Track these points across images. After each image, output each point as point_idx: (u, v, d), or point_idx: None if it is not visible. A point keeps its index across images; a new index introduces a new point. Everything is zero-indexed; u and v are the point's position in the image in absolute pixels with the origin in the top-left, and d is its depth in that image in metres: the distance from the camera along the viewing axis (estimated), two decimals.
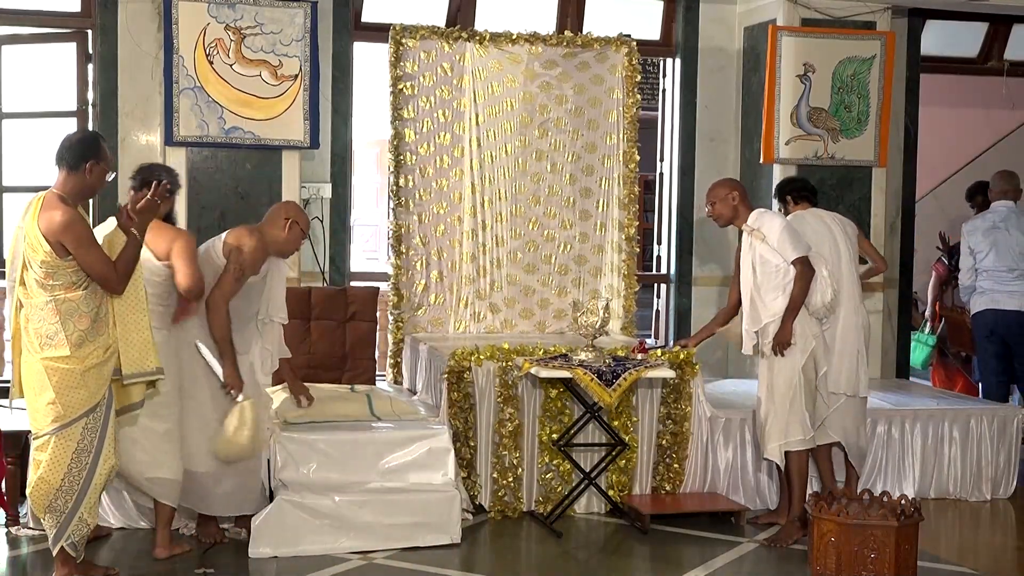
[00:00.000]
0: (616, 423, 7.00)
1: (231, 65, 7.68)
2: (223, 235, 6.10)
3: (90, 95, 8.15)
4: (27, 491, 5.46)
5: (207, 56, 7.64)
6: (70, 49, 8.18)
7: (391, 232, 8.18)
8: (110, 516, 6.36)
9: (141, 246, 5.39)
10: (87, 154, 5.31)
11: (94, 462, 5.34)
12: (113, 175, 5.60)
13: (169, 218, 6.05)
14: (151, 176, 5.84)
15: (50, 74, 8.37)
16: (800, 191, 7.22)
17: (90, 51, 8.13)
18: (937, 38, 9.67)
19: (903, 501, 6.01)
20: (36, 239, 5.20)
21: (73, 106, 8.20)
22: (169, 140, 7.65)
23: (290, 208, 6.30)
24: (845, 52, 8.65)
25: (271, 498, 6.30)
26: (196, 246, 5.92)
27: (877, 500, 6.07)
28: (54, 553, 5.35)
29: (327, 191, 8.38)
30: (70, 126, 8.13)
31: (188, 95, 7.63)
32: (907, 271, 9.63)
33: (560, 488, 6.98)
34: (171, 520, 6.07)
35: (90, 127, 8.04)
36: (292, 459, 6.38)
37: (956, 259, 9.23)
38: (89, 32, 8.11)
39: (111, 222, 5.63)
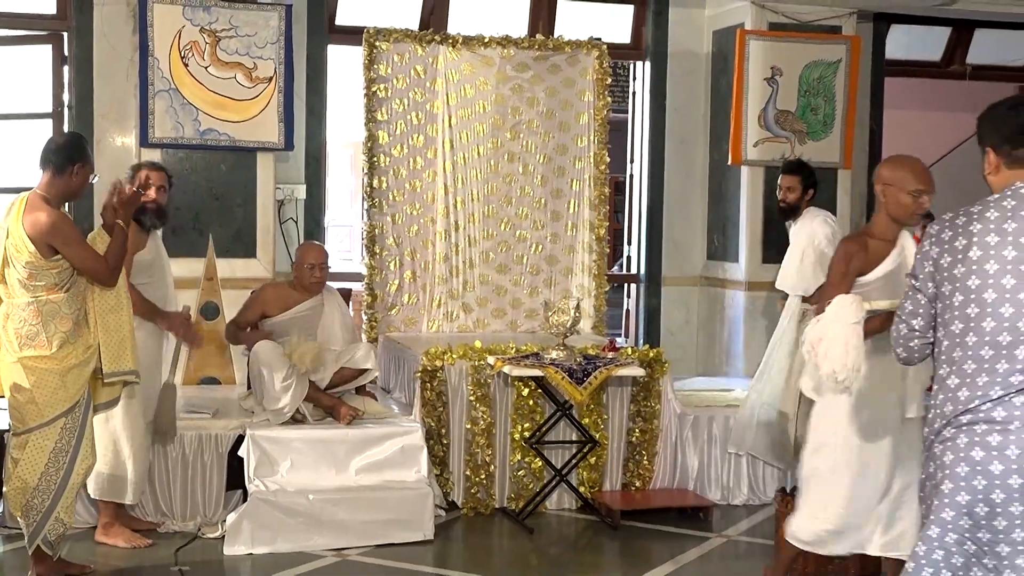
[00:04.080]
0: (587, 421, 7.02)
1: (206, 67, 7.65)
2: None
3: (66, 97, 8.10)
4: (3, 490, 5.43)
5: (182, 58, 7.60)
6: (46, 51, 8.12)
7: (365, 233, 8.17)
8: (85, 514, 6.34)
9: (127, 239, 5.39)
10: (74, 157, 5.32)
11: (71, 462, 5.31)
12: (96, 177, 5.59)
13: (163, 213, 6.10)
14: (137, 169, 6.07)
15: (26, 76, 8.31)
16: None
17: (66, 53, 8.07)
18: (901, 42, 9.73)
19: None
20: (21, 240, 5.17)
21: (49, 108, 8.14)
22: (144, 142, 7.61)
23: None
24: (811, 56, 8.69)
25: (245, 497, 6.29)
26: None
27: None
28: (30, 552, 5.31)
29: (301, 192, 8.36)
30: (46, 128, 8.07)
31: (163, 97, 7.59)
32: None
33: (532, 485, 6.99)
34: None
35: (66, 129, 7.99)
36: (266, 458, 6.36)
37: None
38: (65, 35, 8.06)
39: None
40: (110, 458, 5.98)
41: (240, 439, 6.46)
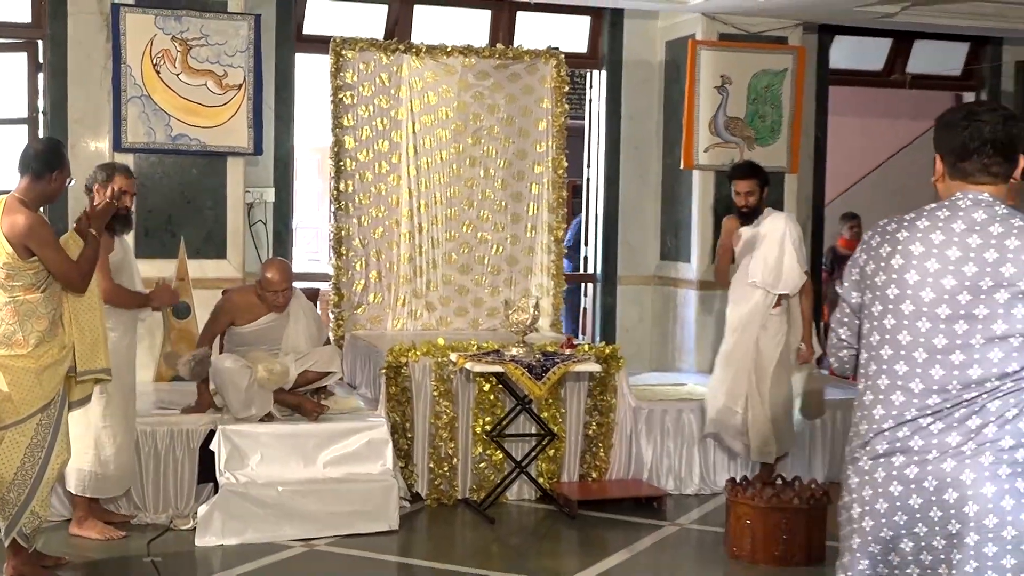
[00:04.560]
0: (545, 414, 7.02)
1: (177, 75, 7.60)
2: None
3: (40, 103, 8.02)
4: None
5: (154, 66, 7.55)
6: (21, 59, 8.03)
7: (332, 234, 8.14)
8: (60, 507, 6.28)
9: (99, 246, 5.36)
10: (52, 163, 5.31)
11: (47, 457, 5.26)
12: (72, 182, 5.57)
13: (124, 217, 6.03)
14: (88, 177, 6.00)
15: (1, 83, 8.22)
16: None
17: (40, 61, 7.99)
18: (845, 53, 9.79)
19: (813, 486, 6.09)
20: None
21: (24, 113, 8.06)
22: (118, 146, 7.55)
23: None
24: (759, 65, 8.73)
25: (216, 489, 6.26)
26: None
27: (789, 485, 6.15)
28: (6, 544, 5.26)
29: (270, 195, 8.31)
30: (21, 133, 8.00)
31: (136, 103, 7.54)
32: (817, 269, 9.74)
33: (493, 476, 6.99)
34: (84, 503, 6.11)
35: (40, 134, 7.91)
36: (236, 452, 6.33)
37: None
38: (39, 43, 7.97)
39: None
40: (92, 455, 5.94)
41: (211, 434, 6.42)
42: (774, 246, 6.80)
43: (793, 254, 6.78)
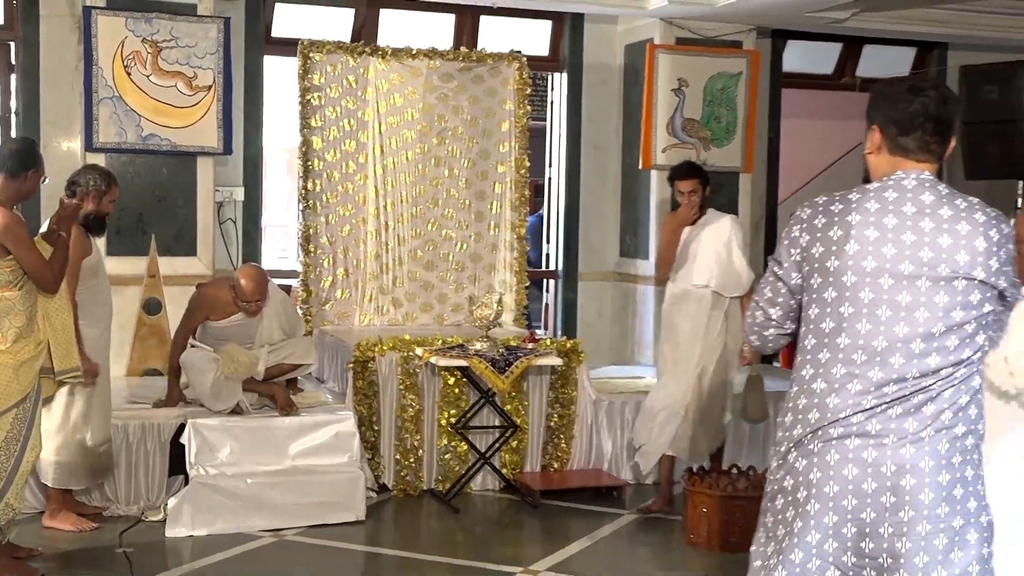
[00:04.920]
0: (509, 407, 7.02)
1: (148, 76, 7.54)
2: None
3: (13, 103, 7.94)
4: None
5: (125, 68, 7.48)
6: None
7: (300, 232, 8.10)
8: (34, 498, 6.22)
9: (68, 248, 5.30)
10: (27, 163, 5.27)
11: (21, 450, 5.21)
12: (47, 180, 5.52)
13: (101, 219, 5.99)
14: (82, 180, 5.92)
15: None
16: None
17: (13, 62, 7.90)
18: (797, 56, 9.84)
19: (767, 475, 6.11)
20: None
21: None
22: (89, 146, 7.48)
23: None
24: (715, 68, 8.76)
25: (187, 481, 6.22)
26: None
27: (744, 474, 6.17)
28: None
29: (240, 194, 8.27)
30: None
31: (107, 104, 7.47)
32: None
33: (458, 467, 6.98)
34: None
35: (13, 134, 7.83)
36: (207, 444, 6.29)
37: None
38: (12, 44, 7.89)
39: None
40: (71, 448, 5.89)
41: (181, 427, 6.37)
42: (721, 248, 6.52)
43: (741, 256, 6.53)
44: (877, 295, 2.80)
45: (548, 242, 9.56)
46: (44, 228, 5.86)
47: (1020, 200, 8.70)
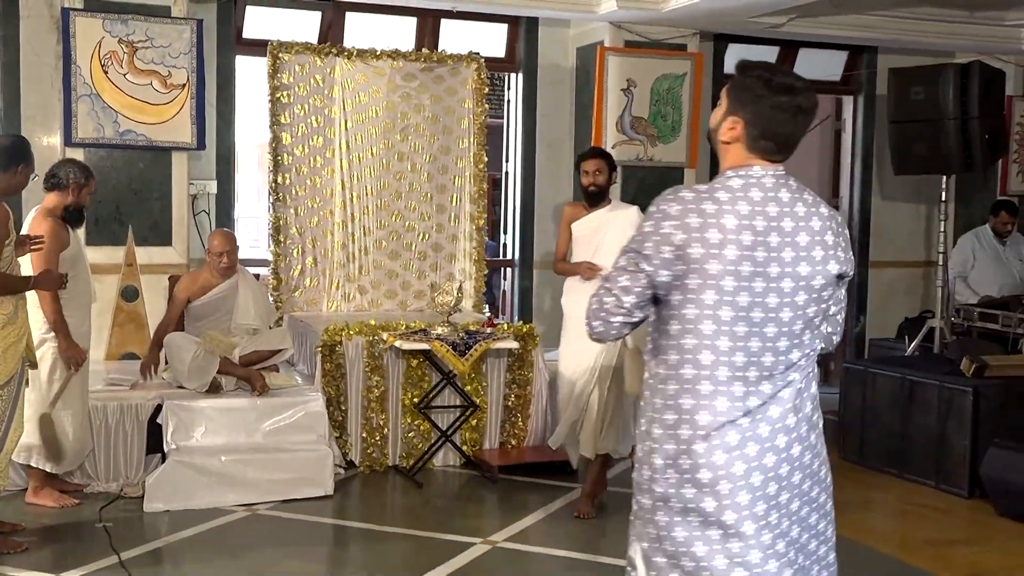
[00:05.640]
0: (468, 388, 7.03)
1: (124, 75, 7.46)
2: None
3: None
4: None
5: (102, 66, 7.41)
6: None
7: (271, 223, 8.06)
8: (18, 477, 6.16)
9: (25, 288, 5.25)
10: (18, 158, 5.27)
11: (5, 431, 5.17)
12: (36, 176, 5.48)
13: (80, 211, 5.94)
14: (62, 173, 5.89)
15: None
16: None
17: None
18: (737, 59, 9.85)
19: None
20: None
21: None
22: (69, 141, 7.40)
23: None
24: (661, 70, 8.79)
25: (164, 459, 6.19)
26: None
27: None
28: None
29: (213, 187, 8.20)
30: None
31: (85, 101, 7.39)
32: None
33: (421, 445, 6.98)
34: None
35: None
36: (183, 424, 6.26)
37: None
38: None
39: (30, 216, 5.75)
40: (50, 430, 5.83)
41: (159, 408, 6.34)
42: (617, 236, 5.74)
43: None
44: (752, 298, 2.65)
45: (505, 233, 9.57)
46: (25, 225, 5.83)
47: (944, 193, 8.79)
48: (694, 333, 2.68)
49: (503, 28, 9.19)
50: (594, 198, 6.22)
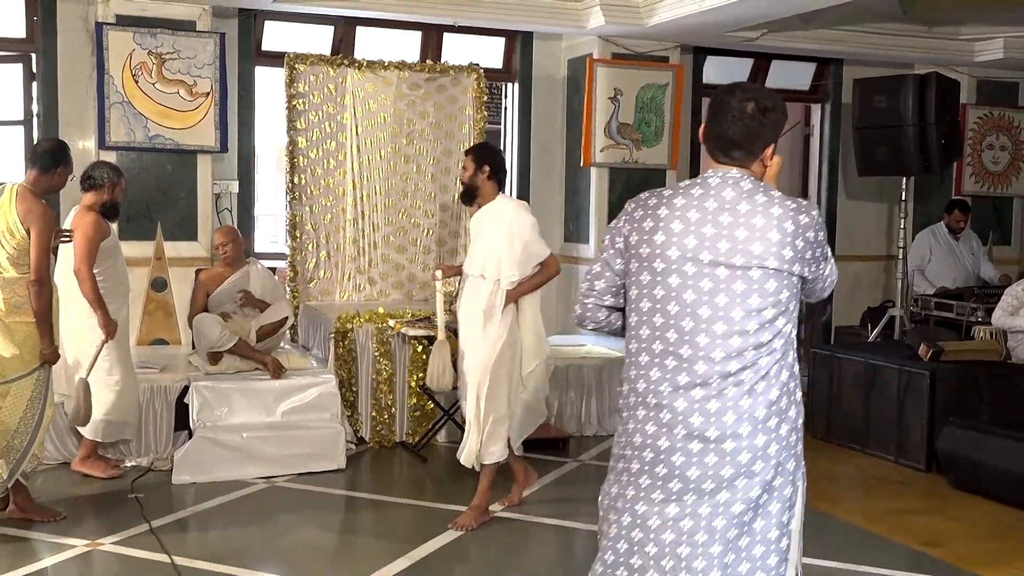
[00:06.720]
0: None
1: (153, 84, 7.46)
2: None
3: (34, 107, 7.82)
4: None
5: (133, 76, 7.41)
6: (17, 69, 7.82)
7: (288, 220, 8.07)
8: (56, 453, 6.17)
9: (50, 306, 5.16)
10: (59, 160, 5.26)
11: (43, 407, 5.19)
12: (73, 177, 5.49)
13: (115, 207, 5.96)
14: (97, 174, 5.92)
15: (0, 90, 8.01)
16: None
17: (34, 71, 7.79)
18: (715, 70, 9.88)
19: None
20: (14, 225, 5.05)
21: (20, 116, 7.87)
22: (102, 145, 7.41)
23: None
24: (645, 80, 8.80)
25: (190, 436, 6.21)
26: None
27: None
28: (10, 484, 5.17)
29: (235, 187, 8.21)
30: (17, 133, 7.83)
31: (117, 108, 7.39)
32: None
33: (425, 423, 7.00)
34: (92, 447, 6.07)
35: (35, 134, 7.74)
36: (208, 403, 6.28)
37: None
38: (33, 55, 7.77)
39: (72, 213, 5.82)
40: (109, 405, 5.87)
41: (186, 388, 6.36)
42: (501, 236, 5.32)
43: (519, 242, 5.29)
44: (683, 280, 2.68)
45: None
46: (67, 221, 5.85)
47: (903, 193, 8.81)
48: (635, 311, 2.80)
49: (501, 41, 9.19)
50: (463, 196, 5.61)
